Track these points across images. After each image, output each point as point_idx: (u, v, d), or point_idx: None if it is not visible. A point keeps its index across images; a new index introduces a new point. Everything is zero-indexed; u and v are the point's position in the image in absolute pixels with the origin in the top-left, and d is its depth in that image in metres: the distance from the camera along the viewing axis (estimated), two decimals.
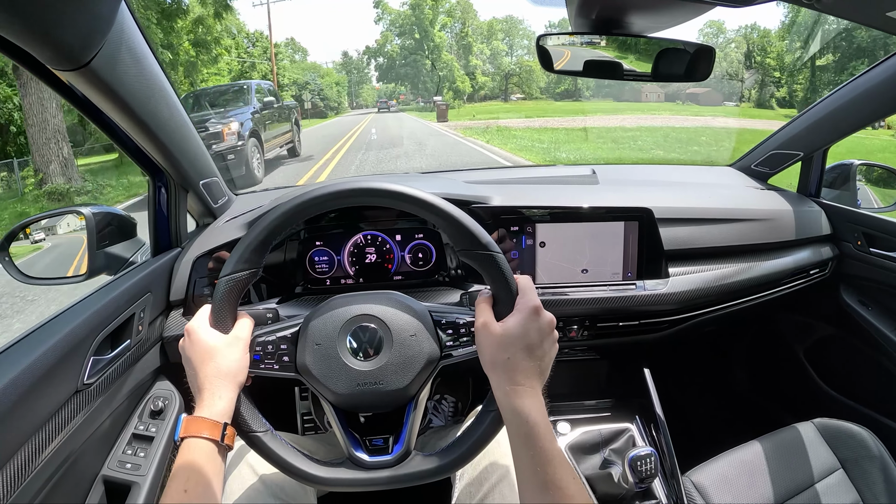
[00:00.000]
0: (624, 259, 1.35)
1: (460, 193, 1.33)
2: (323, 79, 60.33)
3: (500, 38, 66.02)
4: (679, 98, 39.66)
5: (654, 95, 40.10)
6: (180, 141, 1.13)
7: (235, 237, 1.27)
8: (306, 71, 57.98)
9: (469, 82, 60.42)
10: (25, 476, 0.80)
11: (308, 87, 54.34)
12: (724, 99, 37.38)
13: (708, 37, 44.89)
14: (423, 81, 65.30)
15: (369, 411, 0.91)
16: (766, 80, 37.17)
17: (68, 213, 1.33)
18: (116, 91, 0.88)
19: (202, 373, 0.79)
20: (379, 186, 0.83)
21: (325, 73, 63.61)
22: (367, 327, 0.85)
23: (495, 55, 65.55)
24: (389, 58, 66.93)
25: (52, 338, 0.88)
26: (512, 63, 63.89)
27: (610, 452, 1.35)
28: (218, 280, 0.83)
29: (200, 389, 0.79)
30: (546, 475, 0.68)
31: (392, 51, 66.02)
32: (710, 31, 46.36)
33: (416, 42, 63.11)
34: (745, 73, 38.27)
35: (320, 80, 58.65)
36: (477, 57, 63.65)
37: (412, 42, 63.61)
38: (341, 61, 76.55)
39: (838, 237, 1.65)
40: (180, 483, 0.70)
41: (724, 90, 38.39)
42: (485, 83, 61.47)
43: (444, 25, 63.02)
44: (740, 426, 1.78)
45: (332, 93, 61.54)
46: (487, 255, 0.81)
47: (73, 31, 0.72)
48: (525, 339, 0.76)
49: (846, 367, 1.77)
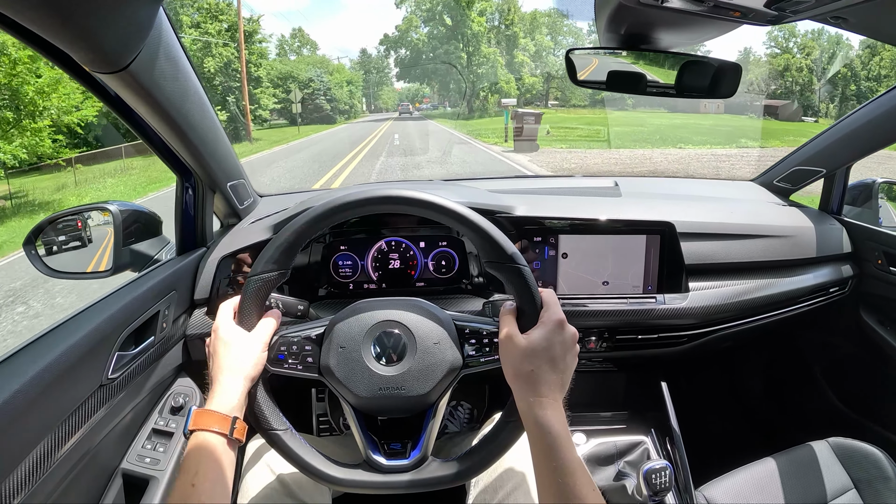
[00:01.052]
0: (645, 272, 1.35)
1: (485, 203, 1.34)
2: (331, 76, 49.50)
3: (544, 32, 54.06)
4: (750, 111, 33.56)
5: (712, 106, 33.69)
6: (211, 143, 1.15)
7: (260, 239, 1.29)
8: (311, 66, 47.69)
9: (514, 83, 47.93)
10: (48, 467, 0.82)
11: (312, 86, 44.55)
12: (803, 114, 34.27)
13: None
14: (456, 80, 53.74)
15: (389, 416, 0.92)
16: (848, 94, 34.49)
17: (95, 210, 1.35)
18: (152, 94, 0.90)
19: (216, 365, 0.80)
20: (410, 195, 0.84)
21: (336, 70, 52.98)
22: (391, 333, 0.86)
23: (539, 52, 53.66)
24: (413, 49, 54.33)
25: (78, 332, 0.89)
26: (556, 63, 51.54)
27: (624, 464, 1.35)
28: (247, 278, 0.85)
29: (213, 383, 0.80)
30: (567, 486, 0.70)
31: (418, 40, 53.52)
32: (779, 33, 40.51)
33: (447, 30, 50.79)
34: (822, 85, 35.18)
35: (328, 78, 47.68)
36: (522, 52, 51.33)
37: (442, 30, 51.10)
38: (359, 60, 66.43)
39: (859, 255, 1.63)
40: (188, 476, 0.71)
41: (807, 102, 34.82)
42: (533, 84, 49.27)
43: (482, 11, 49.45)
44: (755, 442, 1.77)
45: (341, 93, 50.51)
46: (514, 268, 0.82)
47: (113, 36, 0.74)
48: (549, 352, 0.78)
49: (863, 386, 1.76)
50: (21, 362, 0.80)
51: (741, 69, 1.15)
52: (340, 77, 52.45)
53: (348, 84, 53.90)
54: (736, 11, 0.87)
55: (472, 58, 49.07)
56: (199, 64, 27.84)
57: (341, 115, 50.21)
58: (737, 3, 0.83)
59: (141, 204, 1.36)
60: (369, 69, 65.45)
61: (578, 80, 1.34)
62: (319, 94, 45.81)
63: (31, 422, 0.78)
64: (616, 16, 1.00)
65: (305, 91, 43.70)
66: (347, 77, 55.17)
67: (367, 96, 66.81)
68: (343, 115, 50.73)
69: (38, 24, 0.65)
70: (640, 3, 0.85)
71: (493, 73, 48.66)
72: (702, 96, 1.24)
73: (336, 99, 48.74)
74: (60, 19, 0.65)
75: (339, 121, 47.81)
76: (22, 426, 0.76)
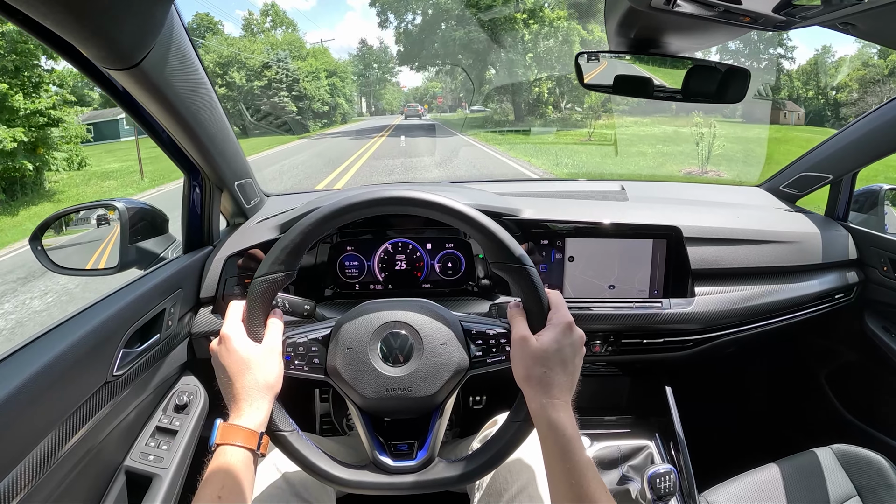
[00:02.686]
0: (651, 277, 1.35)
1: (492, 205, 1.34)
2: (302, 63, 34.84)
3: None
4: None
5: (793, 116, 27.21)
6: (220, 141, 1.15)
7: (267, 238, 1.29)
8: (272, 48, 33.83)
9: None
10: (51, 463, 0.82)
11: (267, 76, 31.23)
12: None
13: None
14: (502, 63, 32.01)
15: (395, 416, 0.92)
16: None
17: (102, 207, 1.35)
18: (163, 91, 0.90)
19: (239, 383, 0.80)
20: (417, 196, 0.84)
21: (311, 55, 37.33)
22: (398, 334, 0.86)
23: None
24: (427, 16, 34.44)
25: (84, 328, 0.90)
26: None
27: (628, 468, 1.35)
28: (253, 280, 0.84)
29: (237, 399, 0.79)
30: (581, 488, 0.70)
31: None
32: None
33: None
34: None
35: (296, 66, 33.87)
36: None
37: None
38: (358, 53, 54.33)
39: (864, 262, 1.63)
40: (214, 489, 0.71)
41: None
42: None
43: None
44: (758, 448, 1.77)
45: (315, 88, 34.93)
46: (521, 269, 0.82)
47: (126, 33, 0.74)
48: (561, 354, 0.79)
49: (867, 393, 1.75)
50: (26, 358, 0.80)
51: (749, 74, 1.15)
52: (317, 65, 36.72)
53: (330, 76, 38.32)
54: (745, 17, 0.87)
55: (531, 26, 28.56)
56: None
57: (318, 121, 36.81)
58: (746, 8, 0.84)
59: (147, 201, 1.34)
60: (369, 63, 54.09)
61: (585, 83, 1.34)
62: (280, 90, 32.08)
63: (35, 418, 0.78)
64: (626, 20, 1.00)
65: (256, 84, 31.03)
66: (329, 65, 39.12)
67: (366, 95, 57.61)
68: (320, 121, 37.15)
69: (50, 20, 0.65)
70: (650, 8, 0.85)
71: (565, 55, 28.38)
72: (709, 101, 1.24)
73: (307, 96, 34.63)
74: (73, 15, 0.65)
75: (314, 128, 33.99)
76: (26, 422, 0.76)
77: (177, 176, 1.41)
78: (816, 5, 0.80)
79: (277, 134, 26.31)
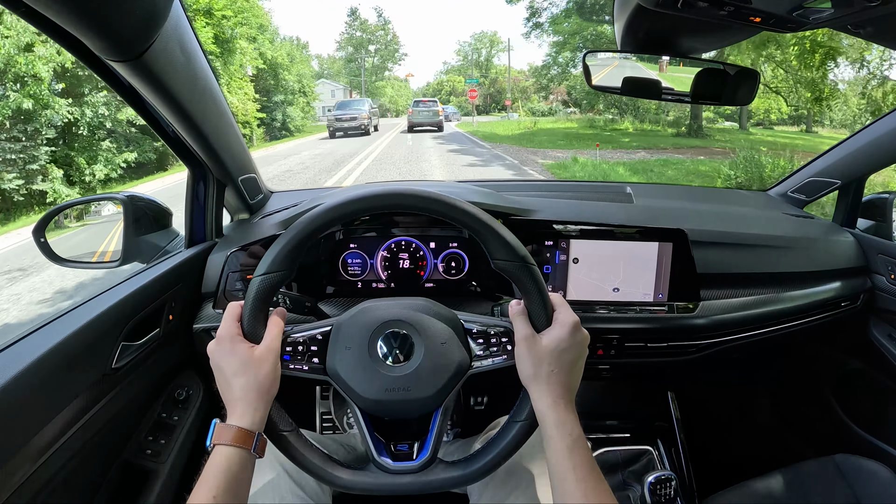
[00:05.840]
0: (656, 280, 1.34)
1: (496, 205, 1.34)
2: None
3: None
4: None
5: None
6: (224, 136, 1.15)
7: (270, 234, 1.28)
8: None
9: None
10: (49, 452, 0.82)
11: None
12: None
13: None
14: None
15: (396, 417, 0.91)
16: None
17: (106, 200, 1.35)
18: (165, 84, 0.90)
19: (236, 385, 0.79)
20: (419, 193, 0.83)
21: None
22: (398, 333, 0.84)
23: None
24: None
25: (84, 320, 0.89)
26: None
27: (628, 474, 1.34)
28: (252, 279, 0.83)
29: (235, 400, 0.79)
30: (588, 487, 0.71)
31: None
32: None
33: None
34: None
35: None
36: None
37: None
38: (346, 32, 40.31)
39: (871, 269, 1.61)
40: (210, 489, 0.71)
41: None
42: None
43: None
44: (760, 456, 1.75)
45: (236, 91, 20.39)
46: (524, 267, 0.81)
47: (128, 24, 0.74)
48: (567, 354, 0.79)
49: (872, 402, 1.73)
50: (25, 348, 0.80)
51: (759, 75, 1.14)
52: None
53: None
54: (756, 17, 0.86)
55: None
56: None
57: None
58: (757, 8, 0.83)
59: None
60: (362, 43, 39.95)
61: (593, 84, 1.33)
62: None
63: (32, 408, 0.78)
64: (634, 20, 0.99)
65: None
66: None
67: (357, 88, 44.11)
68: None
69: (52, 10, 0.65)
70: (659, 8, 0.84)
71: None
72: (719, 102, 1.24)
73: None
74: (75, 5, 0.65)
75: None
76: (25, 411, 0.76)
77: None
78: (827, 7, 0.79)
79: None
